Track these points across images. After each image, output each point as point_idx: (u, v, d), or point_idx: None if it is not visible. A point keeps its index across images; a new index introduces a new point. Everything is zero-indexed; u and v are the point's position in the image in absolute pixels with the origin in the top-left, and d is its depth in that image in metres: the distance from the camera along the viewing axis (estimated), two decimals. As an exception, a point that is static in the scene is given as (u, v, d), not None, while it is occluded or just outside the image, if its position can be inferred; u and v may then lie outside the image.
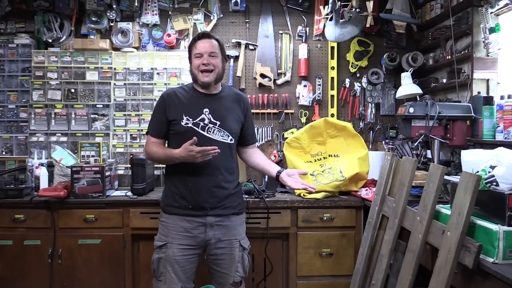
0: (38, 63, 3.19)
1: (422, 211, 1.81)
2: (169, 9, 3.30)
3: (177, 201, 2.10)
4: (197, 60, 2.10)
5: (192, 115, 2.09)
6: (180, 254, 2.08)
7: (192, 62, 2.14)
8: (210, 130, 2.10)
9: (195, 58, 2.11)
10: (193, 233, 2.09)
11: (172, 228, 2.10)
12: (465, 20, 2.70)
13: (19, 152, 3.20)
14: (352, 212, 2.74)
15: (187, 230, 2.08)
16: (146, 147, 2.20)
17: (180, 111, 2.09)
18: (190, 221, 2.09)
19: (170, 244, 2.08)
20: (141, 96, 3.22)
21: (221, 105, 2.16)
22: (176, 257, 2.08)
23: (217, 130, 2.12)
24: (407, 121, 2.56)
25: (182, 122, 2.08)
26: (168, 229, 2.11)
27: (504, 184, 1.58)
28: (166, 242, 2.09)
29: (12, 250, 2.66)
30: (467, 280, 1.59)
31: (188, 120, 2.08)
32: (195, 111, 2.10)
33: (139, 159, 2.78)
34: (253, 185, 2.85)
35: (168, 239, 2.09)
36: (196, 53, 2.11)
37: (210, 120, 2.11)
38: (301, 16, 3.39)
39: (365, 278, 2.31)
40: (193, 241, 2.10)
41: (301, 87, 3.36)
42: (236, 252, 2.16)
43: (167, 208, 2.14)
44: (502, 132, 2.27)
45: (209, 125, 2.10)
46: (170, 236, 2.09)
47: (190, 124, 2.08)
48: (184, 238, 2.09)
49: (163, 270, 2.08)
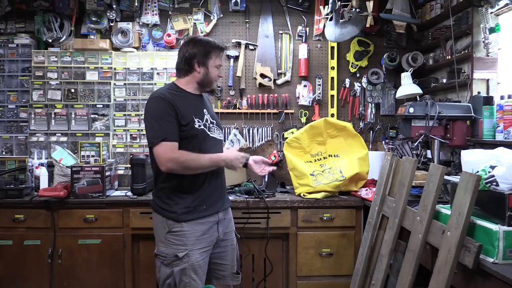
0: (38, 63, 3.19)
1: (422, 211, 1.81)
2: (169, 9, 3.30)
3: (191, 205, 2.03)
4: (217, 71, 2.13)
5: (199, 116, 2.07)
6: (201, 259, 2.04)
7: (210, 69, 2.10)
8: (211, 130, 2.11)
9: (216, 68, 2.12)
10: (209, 233, 2.08)
11: (190, 234, 2.02)
12: (465, 20, 2.70)
13: (19, 152, 3.20)
14: (352, 212, 2.74)
15: (204, 232, 2.06)
16: (174, 156, 1.93)
17: (190, 114, 2.03)
18: (205, 222, 2.06)
19: (192, 252, 2.01)
20: (141, 96, 3.22)
21: (208, 105, 2.21)
22: (200, 262, 2.03)
23: (216, 129, 2.15)
24: (407, 121, 2.56)
25: (196, 124, 2.02)
26: (186, 237, 2.02)
27: (504, 184, 1.58)
28: (187, 251, 2.00)
29: (12, 250, 2.66)
30: (467, 280, 1.59)
31: (199, 122, 2.05)
32: (200, 112, 2.09)
33: (139, 159, 2.78)
34: (253, 185, 2.85)
35: (188, 247, 2.01)
36: (218, 64, 2.13)
37: (210, 120, 2.12)
38: (301, 16, 3.39)
39: (365, 278, 2.31)
40: (210, 241, 2.09)
41: (301, 87, 3.36)
42: (235, 242, 2.24)
43: (181, 216, 2.01)
44: (502, 132, 2.27)
45: (210, 125, 2.12)
46: (189, 244, 2.01)
47: (201, 126, 2.06)
48: (203, 241, 2.05)
49: (187, 280, 2.00)
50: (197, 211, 2.04)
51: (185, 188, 2.02)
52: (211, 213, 2.08)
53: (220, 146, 2.18)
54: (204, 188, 2.05)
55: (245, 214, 2.67)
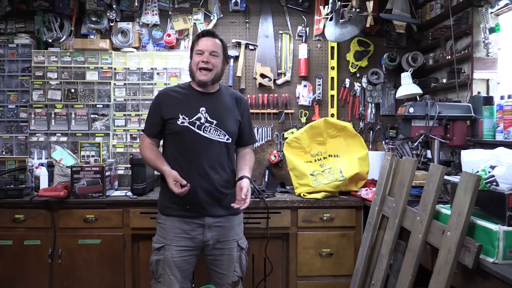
0: (38, 63, 3.19)
1: (422, 211, 1.81)
2: (169, 9, 3.30)
3: (175, 202, 2.07)
4: (198, 57, 2.07)
5: (188, 113, 2.06)
6: (178, 256, 2.07)
7: (192, 58, 2.11)
8: (207, 129, 2.07)
9: (196, 54, 2.09)
10: (191, 234, 2.08)
11: (170, 230, 2.08)
12: (465, 20, 2.70)
13: (19, 152, 3.20)
14: (352, 212, 2.74)
15: (185, 231, 2.07)
16: (141, 146, 2.21)
17: (176, 110, 2.06)
18: (188, 222, 2.07)
19: (168, 246, 2.07)
20: (141, 96, 3.22)
21: (218, 104, 2.14)
22: (175, 259, 2.07)
23: (214, 129, 2.09)
24: (407, 121, 2.56)
25: (178, 121, 2.05)
26: (166, 231, 2.09)
27: (504, 184, 1.58)
28: (164, 244, 2.08)
29: (12, 250, 2.65)
30: (467, 280, 1.59)
31: (184, 119, 2.05)
32: (192, 109, 2.08)
33: (139, 159, 2.76)
34: (253, 185, 2.84)
35: (166, 241, 2.08)
36: (197, 49, 2.08)
37: (207, 119, 2.08)
38: (301, 16, 3.39)
39: (365, 278, 2.31)
40: (191, 242, 2.08)
41: (301, 87, 3.36)
42: (234, 252, 2.16)
43: (165, 210, 2.12)
44: (502, 132, 2.27)
45: (206, 124, 2.07)
46: (168, 238, 2.08)
47: (186, 123, 2.05)
48: (182, 239, 2.07)
49: (162, 272, 2.07)
50: (180, 209, 2.08)
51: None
52: (196, 215, 2.07)
53: (211, 146, 2.07)
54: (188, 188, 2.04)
55: (245, 214, 2.65)
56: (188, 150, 2.06)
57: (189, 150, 2.06)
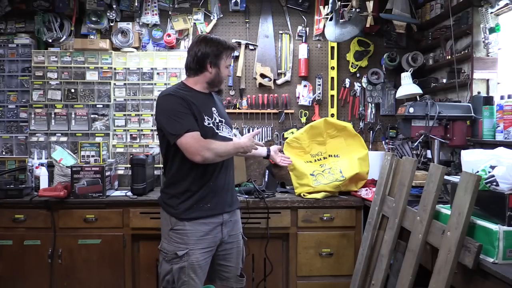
0: (38, 63, 3.19)
1: (422, 211, 1.81)
2: (169, 9, 3.30)
3: (195, 204, 2.04)
4: (227, 70, 2.16)
5: (208, 114, 2.08)
6: (202, 259, 2.04)
7: (222, 69, 2.11)
8: (220, 128, 2.12)
9: (227, 67, 2.14)
10: (212, 234, 2.07)
11: (191, 234, 2.03)
12: (465, 20, 2.70)
13: (19, 152, 3.20)
14: (352, 212, 2.74)
15: (206, 233, 2.05)
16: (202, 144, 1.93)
17: (200, 112, 2.03)
18: (208, 223, 2.06)
19: (192, 251, 2.02)
20: (141, 96, 3.22)
21: (217, 104, 2.20)
22: (200, 262, 2.03)
23: (225, 127, 2.16)
24: (407, 121, 2.56)
25: (205, 122, 2.04)
26: (187, 236, 2.03)
27: (504, 184, 1.58)
28: (188, 250, 2.01)
29: (12, 250, 2.66)
30: (467, 280, 1.59)
31: (208, 119, 2.06)
32: (209, 110, 2.10)
33: (139, 159, 2.78)
34: (253, 185, 2.85)
35: (189, 247, 2.02)
36: (229, 64, 2.16)
37: (219, 119, 2.13)
38: (301, 16, 3.39)
39: (365, 278, 2.31)
40: (213, 242, 2.09)
41: (301, 87, 3.36)
42: (241, 244, 2.24)
43: (183, 214, 2.03)
44: (502, 132, 2.27)
45: (219, 123, 2.13)
46: (190, 243, 2.02)
47: (210, 124, 2.07)
48: (204, 241, 2.05)
49: (186, 278, 2.01)
50: (200, 209, 2.04)
51: (190, 186, 2.03)
52: (215, 213, 2.07)
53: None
54: (209, 186, 2.05)
55: (245, 214, 2.66)
56: None
57: None
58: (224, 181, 2.11)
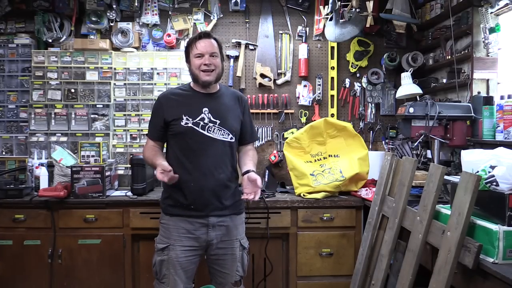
0: (38, 63, 3.19)
1: (422, 211, 1.81)
2: (169, 9, 3.30)
3: (178, 202, 2.08)
4: (198, 60, 2.09)
5: (192, 114, 2.09)
6: (182, 256, 2.07)
7: (192, 62, 2.12)
8: (211, 129, 2.10)
9: (196, 58, 2.10)
10: (195, 234, 2.08)
11: (173, 229, 2.08)
12: (465, 20, 2.70)
13: (19, 152, 3.20)
14: (352, 212, 2.74)
15: (189, 231, 2.07)
16: (143, 149, 2.26)
17: (179, 111, 2.09)
18: (192, 222, 2.07)
19: (173, 246, 2.07)
20: (141, 96, 3.22)
21: (220, 104, 2.16)
22: (179, 259, 2.06)
23: (217, 129, 2.11)
24: (407, 121, 2.56)
25: (182, 122, 2.07)
26: (169, 231, 2.09)
27: (504, 184, 1.58)
28: (168, 244, 2.07)
29: (12, 250, 2.66)
30: (467, 280, 1.59)
31: (188, 120, 2.07)
32: (195, 110, 2.10)
33: (139, 159, 2.78)
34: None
35: (170, 241, 2.08)
36: (196, 53, 2.10)
37: (210, 119, 2.10)
38: (301, 16, 3.38)
39: (365, 278, 2.31)
40: (196, 242, 2.09)
41: (301, 87, 3.36)
42: (237, 252, 2.17)
43: (168, 209, 2.13)
44: (502, 132, 2.27)
45: (209, 124, 2.10)
46: (172, 238, 2.08)
47: (190, 124, 2.07)
48: (186, 239, 2.07)
49: (166, 272, 2.07)
50: (184, 209, 2.08)
51: (175, 184, 2.05)
52: (200, 215, 2.07)
53: (215, 145, 2.09)
54: (190, 187, 2.06)
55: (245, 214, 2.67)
56: (193, 151, 2.08)
57: (193, 150, 2.07)
58: (208, 185, 2.06)
